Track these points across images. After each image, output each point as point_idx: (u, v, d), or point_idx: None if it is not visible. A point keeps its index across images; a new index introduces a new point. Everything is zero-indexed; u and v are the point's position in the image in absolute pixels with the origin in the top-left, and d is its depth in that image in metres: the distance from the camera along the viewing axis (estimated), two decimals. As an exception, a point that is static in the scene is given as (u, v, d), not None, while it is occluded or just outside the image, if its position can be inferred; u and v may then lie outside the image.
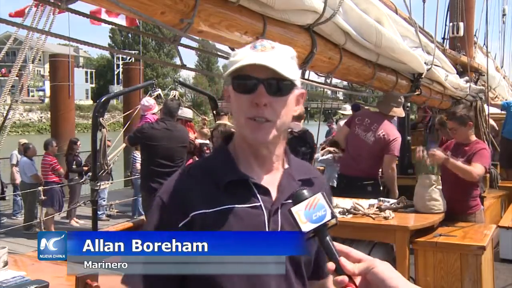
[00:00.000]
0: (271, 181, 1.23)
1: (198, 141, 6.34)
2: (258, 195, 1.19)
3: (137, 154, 8.09)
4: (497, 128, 8.66)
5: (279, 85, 1.16)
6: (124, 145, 7.28)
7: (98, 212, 8.74)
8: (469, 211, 4.27)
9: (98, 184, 6.02)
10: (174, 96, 8.67)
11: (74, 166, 8.80)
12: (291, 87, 1.19)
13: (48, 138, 10.28)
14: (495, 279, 4.25)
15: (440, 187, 4.03)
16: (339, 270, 0.96)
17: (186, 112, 6.76)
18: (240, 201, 1.18)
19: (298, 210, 1.00)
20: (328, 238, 0.99)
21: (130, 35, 66.41)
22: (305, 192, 1.02)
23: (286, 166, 1.28)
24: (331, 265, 0.97)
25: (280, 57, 1.17)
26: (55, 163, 8.52)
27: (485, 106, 7.23)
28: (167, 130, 5.40)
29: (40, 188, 7.72)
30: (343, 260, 0.97)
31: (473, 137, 4.31)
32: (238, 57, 1.19)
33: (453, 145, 4.38)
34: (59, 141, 10.57)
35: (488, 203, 4.63)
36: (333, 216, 1.00)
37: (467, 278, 3.63)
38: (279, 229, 1.17)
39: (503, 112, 8.72)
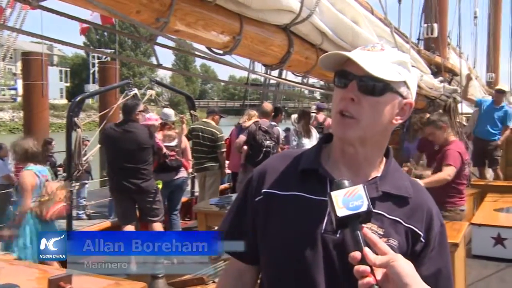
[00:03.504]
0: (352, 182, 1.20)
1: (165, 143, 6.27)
2: (329, 189, 1.16)
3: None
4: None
5: (371, 84, 1.14)
6: (99, 145, 7.19)
7: (78, 211, 8.63)
8: (449, 206, 4.37)
9: (73, 184, 5.95)
10: (151, 95, 8.61)
11: (48, 167, 8.62)
12: (385, 89, 1.16)
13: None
14: (467, 274, 4.33)
15: None
16: (364, 261, 0.97)
17: (166, 115, 6.68)
18: (309, 191, 1.20)
19: (337, 195, 1.02)
20: (358, 230, 1.00)
21: (105, 33, 65.62)
22: (346, 182, 1.04)
23: (379, 174, 1.24)
24: (357, 255, 0.97)
25: (380, 59, 1.17)
26: (29, 163, 8.34)
27: (459, 105, 7.37)
28: (125, 131, 5.35)
29: (12, 189, 7.55)
30: (366, 250, 0.97)
31: (451, 138, 4.44)
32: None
33: (438, 148, 4.57)
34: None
35: (461, 201, 4.74)
36: (369, 209, 1.01)
37: (441, 275, 3.69)
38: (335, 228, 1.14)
39: (475, 109, 8.91)
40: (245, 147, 6.57)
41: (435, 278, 1.19)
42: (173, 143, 6.26)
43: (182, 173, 6.33)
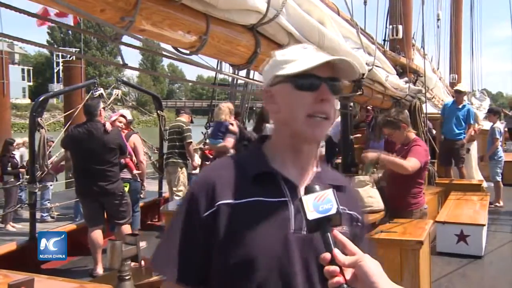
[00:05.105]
0: (301, 179, 1.25)
1: None
2: (286, 190, 1.21)
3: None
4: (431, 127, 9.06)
5: (337, 84, 1.23)
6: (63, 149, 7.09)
7: (43, 214, 8.41)
8: (409, 208, 4.45)
9: (36, 186, 5.81)
10: (117, 95, 8.52)
11: (9, 168, 8.41)
12: (342, 88, 1.26)
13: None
14: (431, 271, 4.44)
15: (375, 186, 4.24)
16: (333, 262, 1.01)
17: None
18: (268, 195, 1.21)
19: (308, 200, 1.07)
20: (328, 232, 1.04)
21: (70, 32, 64.29)
22: (317, 187, 1.09)
23: (319, 169, 1.31)
24: (327, 256, 1.01)
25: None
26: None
27: (423, 106, 7.53)
28: (88, 132, 5.26)
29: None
30: (336, 251, 1.01)
31: (412, 136, 4.50)
32: (292, 57, 1.23)
33: (398, 147, 4.61)
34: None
35: (426, 199, 4.83)
36: (338, 212, 1.05)
37: (406, 272, 3.78)
38: (303, 225, 1.15)
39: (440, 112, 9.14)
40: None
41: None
42: None
43: (125, 174, 6.20)
